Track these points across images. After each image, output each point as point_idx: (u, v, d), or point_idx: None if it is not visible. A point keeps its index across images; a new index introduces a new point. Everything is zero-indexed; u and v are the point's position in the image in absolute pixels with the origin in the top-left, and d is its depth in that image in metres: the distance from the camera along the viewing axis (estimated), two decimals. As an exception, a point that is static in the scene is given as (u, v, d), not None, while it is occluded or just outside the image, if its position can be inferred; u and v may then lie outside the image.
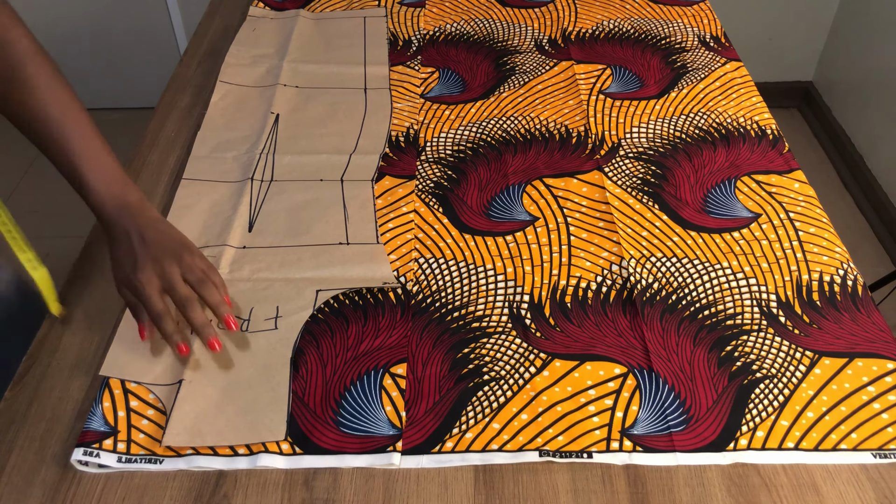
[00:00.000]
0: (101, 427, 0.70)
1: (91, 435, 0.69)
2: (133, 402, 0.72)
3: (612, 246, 0.90)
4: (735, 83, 1.17)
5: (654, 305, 0.82)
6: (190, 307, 0.69)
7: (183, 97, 1.17)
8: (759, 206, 0.95)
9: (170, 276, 0.70)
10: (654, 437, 0.70)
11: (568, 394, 0.74)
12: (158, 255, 0.71)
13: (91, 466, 0.68)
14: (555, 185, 0.98)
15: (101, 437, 0.69)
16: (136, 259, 0.71)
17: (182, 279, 0.70)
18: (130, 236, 0.72)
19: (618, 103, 1.12)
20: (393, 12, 1.35)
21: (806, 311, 0.82)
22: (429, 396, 0.74)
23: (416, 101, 1.14)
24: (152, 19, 2.34)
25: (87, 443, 0.69)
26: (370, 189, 0.98)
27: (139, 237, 0.72)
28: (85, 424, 0.70)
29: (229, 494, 0.66)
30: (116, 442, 0.69)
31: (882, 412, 0.72)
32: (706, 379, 0.75)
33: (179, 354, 0.69)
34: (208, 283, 0.71)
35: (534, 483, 0.67)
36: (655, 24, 1.31)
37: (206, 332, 0.69)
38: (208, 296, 0.70)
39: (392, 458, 0.68)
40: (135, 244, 0.71)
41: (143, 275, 0.70)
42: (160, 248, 0.71)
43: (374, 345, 0.78)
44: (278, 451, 0.69)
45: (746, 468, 0.68)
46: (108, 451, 0.68)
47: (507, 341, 0.79)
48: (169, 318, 0.70)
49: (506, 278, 0.86)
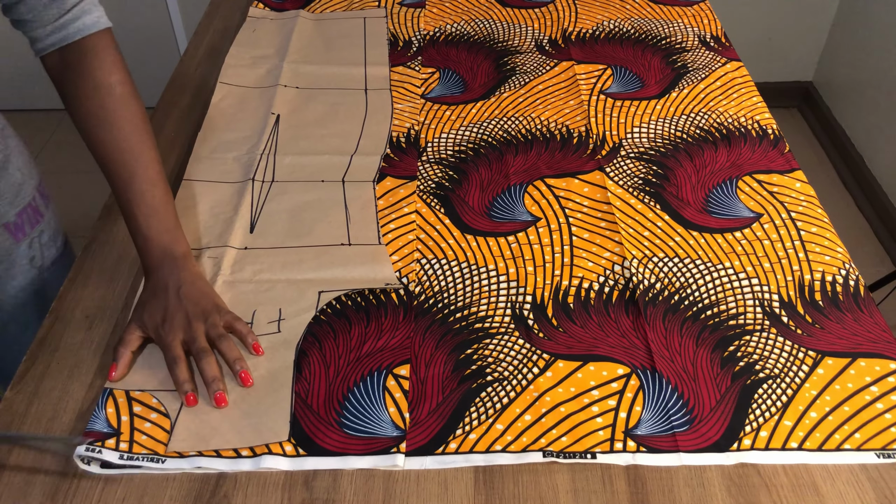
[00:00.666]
0: (103, 428, 0.70)
1: (94, 434, 0.69)
2: (136, 407, 0.72)
3: (615, 246, 0.90)
4: (735, 83, 1.17)
5: (656, 306, 0.82)
6: (204, 360, 0.73)
7: (183, 97, 1.17)
8: (760, 205, 0.95)
9: (194, 331, 0.74)
10: (658, 438, 0.70)
11: (571, 394, 0.74)
12: (189, 312, 0.75)
13: (93, 465, 0.68)
14: (556, 185, 0.98)
15: (104, 437, 0.69)
16: (166, 310, 0.75)
17: (204, 335, 0.75)
18: (168, 288, 0.77)
19: (619, 103, 1.12)
20: (393, 13, 1.35)
21: (808, 311, 0.82)
22: (432, 397, 0.73)
23: (417, 101, 1.14)
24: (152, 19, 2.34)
25: (90, 441, 0.68)
26: (371, 190, 0.98)
27: (175, 290, 0.76)
28: (87, 426, 0.70)
29: (229, 495, 0.66)
30: (119, 442, 0.69)
31: (885, 412, 0.72)
32: (709, 379, 0.75)
33: (186, 403, 0.72)
34: (227, 340, 0.75)
35: (534, 483, 0.67)
36: (656, 25, 1.30)
37: (213, 386, 0.72)
38: (226, 351, 0.74)
39: (396, 459, 0.68)
40: (170, 296, 0.76)
41: (171, 326, 0.75)
42: (192, 304, 0.76)
43: (376, 346, 0.78)
44: (282, 453, 0.69)
45: (746, 468, 0.68)
46: (110, 449, 0.68)
47: (509, 342, 0.79)
48: (183, 366, 0.73)
49: (508, 279, 0.86)
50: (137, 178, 0.79)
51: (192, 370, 0.74)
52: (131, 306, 0.82)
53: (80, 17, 0.78)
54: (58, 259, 0.97)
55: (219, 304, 0.79)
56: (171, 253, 0.78)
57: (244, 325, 0.77)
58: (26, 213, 0.91)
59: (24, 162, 0.92)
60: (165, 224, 0.79)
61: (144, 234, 0.78)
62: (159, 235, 0.78)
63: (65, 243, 1.00)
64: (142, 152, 0.79)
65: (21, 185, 0.91)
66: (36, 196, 0.94)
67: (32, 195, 0.93)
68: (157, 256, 0.78)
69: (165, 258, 0.78)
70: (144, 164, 0.79)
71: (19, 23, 0.79)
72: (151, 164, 0.80)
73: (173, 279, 0.77)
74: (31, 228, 0.92)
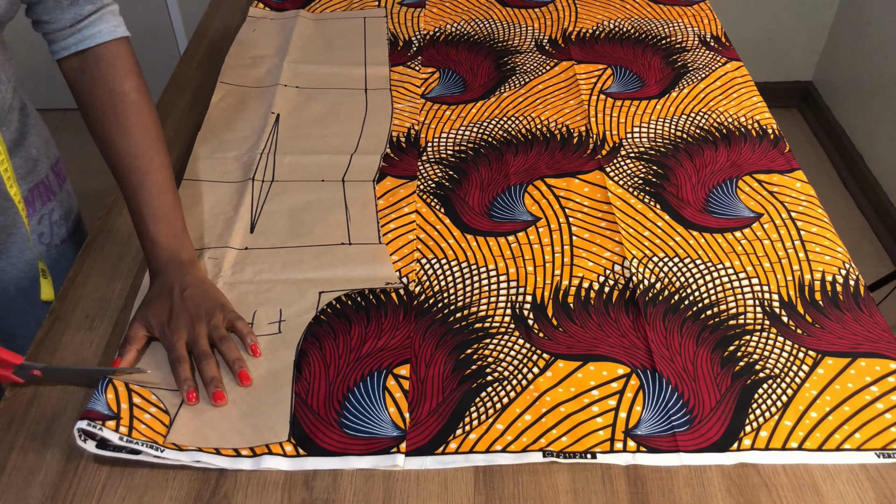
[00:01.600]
0: (104, 410, 0.69)
1: (94, 413, 0.69)
2: (136, 398, 0.72)
3: (615, 246, 0.89)
4: (735, 83, 1.17)
5: (656, 305, 0.82)
6: (204, 362, 0.74)
7: (183, 97, 1.17)
8: (760, 205, 0.95)
9: (196, 332, 0.76)
10: (658, 438, 0.70)
11: (571, 394, 0.74)
12: (192, 313, 0.77)
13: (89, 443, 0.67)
14: (556, 185, 0.98)
15: (104, 418, 0.69)
16: (171, 311, 0.77)
17: (206, 336, 0.76)
18: (173, 290, 0.78)
19: (619, 103, 1.12)
20: (393, 13, 1.35)
21: (808, 311, 0.82)
22: (432, 397, 0.73)
23: (417, 101, 1.14)
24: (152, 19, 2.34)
25: (91, 419, 0.68)
26: (372, 189, 0.97)
27: (180, 293, 0.78)
28: (88, 405, 0.70)
29: (229, 494, 0.66)
30: (119, 425, 0.69)
31: (885, 412, 0.72)
32: (709, 379, 0.75)
33: (187, 400, 0.72)
34: (228, 341, 0.76)
35: (534, 483, 0.67)
36: (656, 24, 1.30)
37: (211, 386, 0.73)
38: (226, 352, 0.75)
39: (396, 459, 0.68)
40: (175, 298, 0.77)
41: (175, 326, 0.76)
42: (196, 305, 0.77)
43: (376, 346, 0.78)
44: (282, 453, 0.69)
45: (746, 468, 0.68)
46: (110, 430, 0.68)
47: (509, 342, 0.79)
48: (186, 365, 0.74)
49: (508, 279, 0.86)
50: (147, 182, 0.80)
51: (194, 370, 0.75)
52: (132, 307, 0.82)
53: (97, 24, 0.81)
54: (67, 238, 1.00)
55: (223, 303, 0.79)
56: (178, 257, 0.80)
57: (245, 324, 0.78)
58: (38, 190, 0.93)
59: (41, 141, 0.94)
60: (173, 229, 0.81)
61: (152, 238, 0.80)
62: (166, 240, 0.80)
63: (77, 225, 1.02)
64: (152, 158, 0.81)
65: (36, 162, 0.92)
66: (50, 174, 0.95)
67: (46, 173, 0.95)
68: (164, 260, 0.80)
69: (172, 262, 0.80)
70: (155, 170, 0.81)
71: (38, 24, 0.81)
72: (161, 170, 0.81)
73: (178, 282, 0.78)
74: (41, 205, 0.94)
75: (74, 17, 0.79)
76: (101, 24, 0.80)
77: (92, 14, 0.80)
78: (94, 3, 0.80)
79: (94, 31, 0.80)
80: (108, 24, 0.81)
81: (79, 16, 0.79)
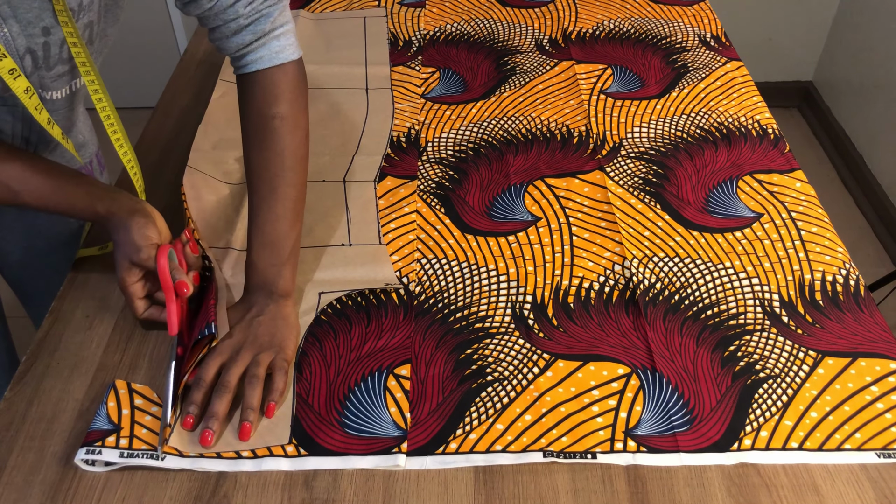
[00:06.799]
0: (104, 426, 0.70)
1: (95, 434, 0.69)
2: (137, 400, 0.72)
3: (615, 246, 0.89)
4: (735, 83, 1.17)
5: (656, 305, 0.82)
6: (218, 394, 0.72)
7: (183, 97, 1.17)
8: (760, 205, 0.95)
9: (235, 361, 0.74)
10: (658, 438, 0.70)
11: (571, 394, 0.74)
12: (247, 340, 0.76)
13: (98, 465, 0.68)
14: (556, 185, 0.98)
15: (104, 435, 0.69)
16: (233, 329, 0.77)
17: (241, 370, 0.74)
18: (249, 311, 0.79)
19: (619, 103, 1.12)
20: (393, 12, 1.35)
21: (809, 311, 0.82)
22: (432, 397, 0.73)
23: (417, 101, 1.14)
24: (152, 19, 2.34)
25: (91, 442, 0.68)
26: (373, 189, 0.97)
27: (252, 317, 0.78)
28: (90, 425, 0.70)
29: (229, 495, 0.66)
30: (119, 438, 0.69)
31: (885, 412, 0.72)
32: (710, 379, 0.75)
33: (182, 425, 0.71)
34: (254, 388, 0.72)
35: (534, 483, 0.67)
36: (656, 24, 1.30)
37: (208, 422, 0.70)
38: (247, 396, 0.72)
39: (397, 459, 0.68)
40: (247, 318, 0.78)
41: (223, 346, 0.76)
42: (255, 335, 0.76)
43: (377, 346, 0.78)
44: (283, 455, 0.69)
45: (746, 468, 0.68)
46: (110, 448, 0.68)
47: (510, 342, 0.79)
48: (202, 391, 0.72)
49: (508, 279, 0.86)
50: (265, 208, 0.81)
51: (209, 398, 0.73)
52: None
53: (259, 51, 0.81)
54: None
55: (284, 346, 0.76)
56: (270, 287, 0.80)
57: (282, 381, 0.74)
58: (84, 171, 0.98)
59: (87, 129, 0.99)
60: (275, 259, 0.81)
61: (253, 261, 0.81)
62: (265, 268, 0.80)
63: None
64: (277, 186, 0.82)
65: (83, 146, 0.98)
66: (94, 160, 1.01)
67: (91, 158, 1.00)
68: (257, 284, 0.80)
69: (262, 289, 0.80)
70: (277, 197, 0.81)
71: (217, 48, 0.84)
72: (283, 200, 0.82)
73: (258, 305, 0.79)
74: None
75: (237, 46, 0.80)
76: (263, 50, 0.81)
77: (254, 41, 0.81)
78: (257, 32, 0.80)
79: (256, 58, 0.81)
80: (271, 51, 0.81)
81: (241, 44, 0.80)
